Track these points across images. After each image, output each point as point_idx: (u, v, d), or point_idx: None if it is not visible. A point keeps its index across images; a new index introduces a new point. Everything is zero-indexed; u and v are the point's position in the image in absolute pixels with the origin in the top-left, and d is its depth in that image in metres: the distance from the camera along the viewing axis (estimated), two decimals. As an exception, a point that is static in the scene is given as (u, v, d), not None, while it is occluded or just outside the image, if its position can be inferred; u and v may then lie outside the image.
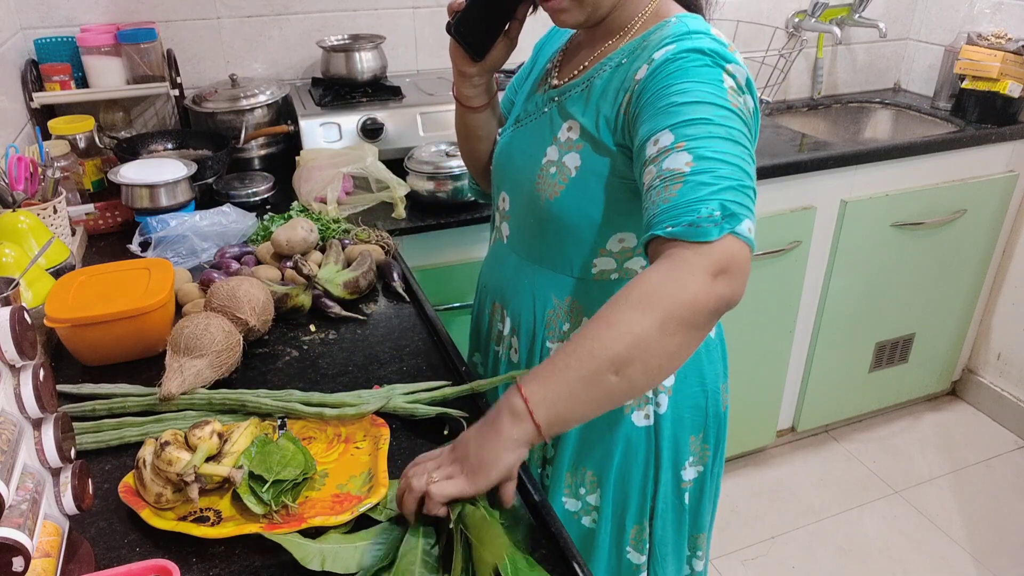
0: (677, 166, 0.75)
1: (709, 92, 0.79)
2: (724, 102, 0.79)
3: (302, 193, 1.57)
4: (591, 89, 0.93)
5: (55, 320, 0.99)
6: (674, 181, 0.75)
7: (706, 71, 0.81)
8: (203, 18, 1.82)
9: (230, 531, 0.73)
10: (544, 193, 0.95)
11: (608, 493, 1.07)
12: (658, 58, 0.83)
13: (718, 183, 0.73)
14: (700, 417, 1.07)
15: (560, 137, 0.95)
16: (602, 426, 1.03)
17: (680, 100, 0.79)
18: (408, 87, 1.89)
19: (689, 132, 0.76)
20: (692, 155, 0.75)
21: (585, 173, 0.92)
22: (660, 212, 0.74)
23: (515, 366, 1.10)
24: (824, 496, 2.24)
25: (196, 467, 0.74)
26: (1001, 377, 2.51)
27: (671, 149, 0.76)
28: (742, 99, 0.82)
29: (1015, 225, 2.35)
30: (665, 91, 0.81)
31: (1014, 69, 2.11)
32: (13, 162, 1.26)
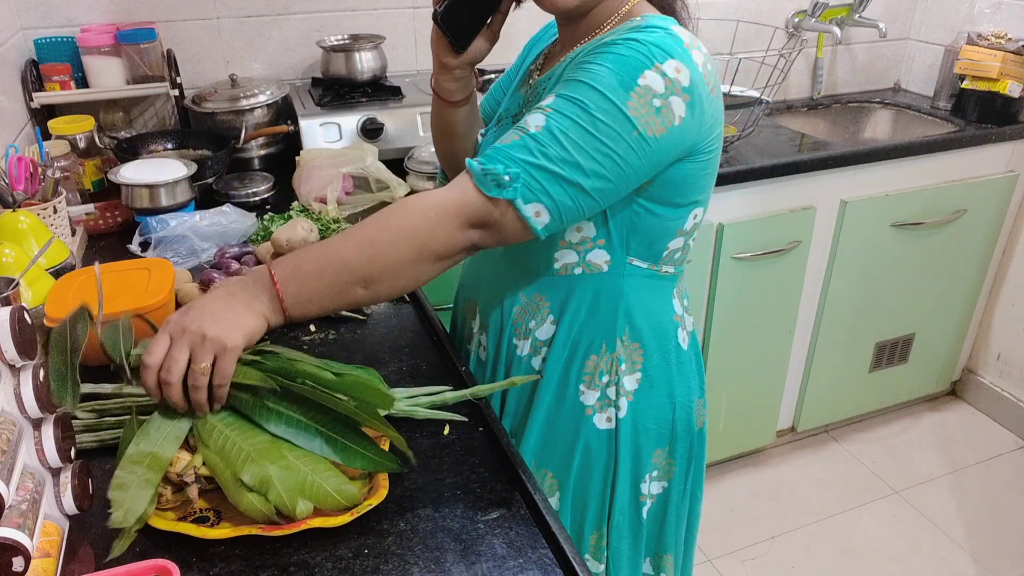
0: (529, 123, 0.80)
1: (611, 84, 0.78)
2: (617, 97, 0.78)
3: (302, 193, 1.57)
4: (553, 79, 0.93)
5: (55, 320, 0.99)
6: (515, 132, 0.80)
7: (628, 62, 0.79)
8: (203, 18, 1.82)
9: (228, 532, 0.72)
10: None
11: (567, 497, 1.05)
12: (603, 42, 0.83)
13: (537, 159, 0.78)
14: (667, 430, 1.04)
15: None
16: (564, 428, 1.02)
17: (580, 77, 0.80)
18: (408, 87, 1.89)
19: (561, 105, 0.79)
20: (545, 124, 0.79)
21: None
22: (487, 148, 0.80)
23: (483, 364, 1.10)
24: (824, 496, 2.24)
25: (196, 468, 0.74)
26: (1001, 377, 2.51)
27: (539, 109, 0.81)
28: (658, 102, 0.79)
29: (1015, 225, 2.35)
30: (580, 66, 0.81)
31: (1014, 69, 2.11)
32: (13, 162, 1.26)
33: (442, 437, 0.91)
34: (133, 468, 0.72)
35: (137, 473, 0.72)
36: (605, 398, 1.00)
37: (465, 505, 0.81)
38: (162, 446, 0.74)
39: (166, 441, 0.75)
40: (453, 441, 0.90)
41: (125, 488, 0.71)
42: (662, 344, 1.01)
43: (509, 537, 0.77)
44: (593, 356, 0.99)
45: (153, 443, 0.74)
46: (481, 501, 0.82)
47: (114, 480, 0.71)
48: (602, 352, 0.98)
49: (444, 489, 0.83)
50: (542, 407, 1.02)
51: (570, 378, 1.00)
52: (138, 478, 0.71)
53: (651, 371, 1.00)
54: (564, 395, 1.01)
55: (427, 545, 0.75)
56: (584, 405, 1.01)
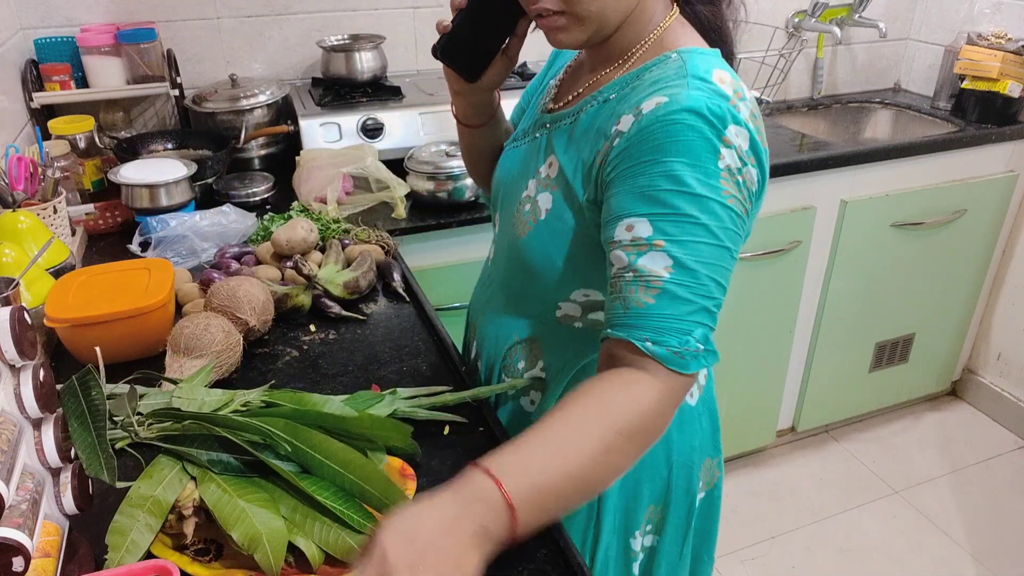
0: (655, 269, 0.71)
1: (699, 180, 0.70)
2: (714, 193, 0.71)
3: (302, 193, 1.57)
4: (576, 124, 0.85)
5: (55, 320, 0.99)
6: (650, 285, 0.71)
7: (700, 145, 0.71)
8: (203, 18, 1.82)
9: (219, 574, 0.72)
10: (517, 230, 0.89)
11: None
12: (646, 112, 0.73)
13: (696, 302, 0.71)
14: (660, 488, 0.96)
15: (541, 172, 0.87)
16: None
17: (665, 186, 0.71)
18: (408, 87, 1.89)
19: (671, 231, 0.71)
20: (672, 260, 0.70)
21: (553, 219, 0.84)
22: (634, 315, 0.71)
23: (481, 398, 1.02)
24: (824, 496, 2.24)
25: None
26: (1001, 377, 2.51)
27: (649, 244, 0.71)
28: (741, 176, 0.73)
29: (1015, 225, 2.34)
30: (650, 166, 0.72)
31: (1014, 69, 2.11)
32: (13, 162, 1.26)
33: (442, 437, 0.91)
34: (133, 512, 0.71)
35: (138, 519, 0.71)
36: None
37: (465, 505, 0.81)
38: (164, 490, 0.73)
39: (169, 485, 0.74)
40: (453, 441, 0.90)
41: (124, 533, 0.70)
42: None
43: (509, 537, 0.77)
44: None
45: (155, 486, 0.74)
46: (481, 501, 0.81)
47: (113, 524, 0.70)
48: None
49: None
50: None
51: None
52: (138, 524, 0.71)
53: None
54: None
55: (427, 545, 0.75)
56: None
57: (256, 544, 0.69)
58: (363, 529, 0.72)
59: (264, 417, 0.78)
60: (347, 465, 0.75)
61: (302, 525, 0.73)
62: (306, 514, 0.74)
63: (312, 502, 0.74)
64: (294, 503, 0.75)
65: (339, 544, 0.72)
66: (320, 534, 0.73)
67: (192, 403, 0.87)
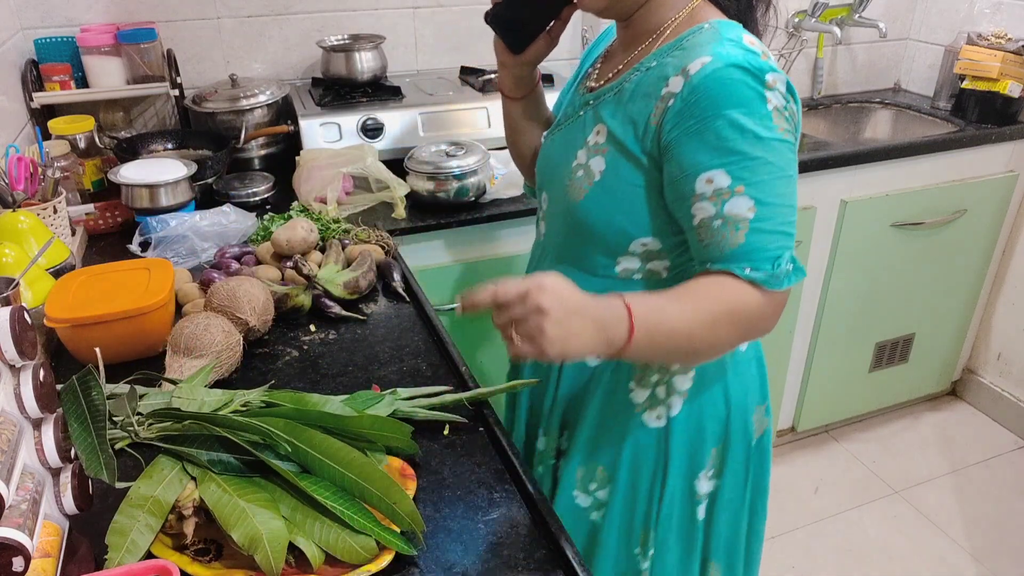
0: (740, 212, 0.81)
1: (758, 124, 0.81)
2: (772, 132, 0.81)
3: (302, 193, 1.57)
4: (622, 93, 0.92)
5: (55, 320, 0.99)
6: (738, 226, 0.82)
7: (749, 93, 0.81)
8: (203, 18, 1.82)
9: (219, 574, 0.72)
10: (572, 196, 0.96)
11: (618, 491, 1.06)
12: (694, 72, 0.82)
13: (779, 230, 0.83)
14: (720, 429, 1.04)
15: (589, 141, 0.95)
16: (614, 424, 1.03)
17: (730, 135, 0.81)
18: (408, 87, 1.89)
19: (746, 175, 0.81)
20: (753, 201, 0.81)
21: (609, 178, 0.92)
22: (730, 254, 0.83)
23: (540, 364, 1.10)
24: (824, 496, 2.24)
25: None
26: (1001, 377, 2.51)
27: (731, 192, 0.82)
28: (787, 112, 0.83)
29: (1015, 225, 2.34)
30: (711, 121, 0.81)
31: (1014, 69, 2.11)
32: (13, 162, 1.26)
33: (442, 437, 0.91)
34: (133, 512, 0.71)
35: (138, 519, 0.71)
36: (654, 397, 1.01)
37: (465, 505, 0.81)
38: (164, 490, 0.73)
39: (169, 485, 0.74)
40: (453, 441, 0.91)
41: (124, 533, 0.70)
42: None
43: (509, 537, 0.77)
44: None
45: (155, 486, 0.74)
46: (481, 501, 0.82)
47: (113, 524, 0.70)
48: None
49: (444, 489, 0.83)
50: (594, 403, 1.04)
51: (620, 376, 1.02)
52: (138, 524, 0.71)
53: (704, 370, 1.01)
54: (615, 393, 1.03)
55: (427, 545, 0.75)
56: (633, 403, 1.02)
57: (256, 544, 0.69)
58: (363, 529, 0.72)
59: (264, 417, 0.78)
60: (347, 465, 0.75)
61: (302, 525, 0.73)
62: (306, 514, 0.74)
63: (312, 502, 0.74)
64: (294, 503, 0.75)
65: (339, 544, 0.72)
66: (320, 534, 0.72)
67: (192, 403, 0.87)
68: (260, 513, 0.72)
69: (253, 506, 0.72)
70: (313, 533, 0.73)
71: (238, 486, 0.75)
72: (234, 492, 0.74)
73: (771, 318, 0.86)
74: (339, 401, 0.87)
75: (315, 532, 0.73)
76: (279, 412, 0.80)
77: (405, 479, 0.82)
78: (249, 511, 0.72)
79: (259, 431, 0.76)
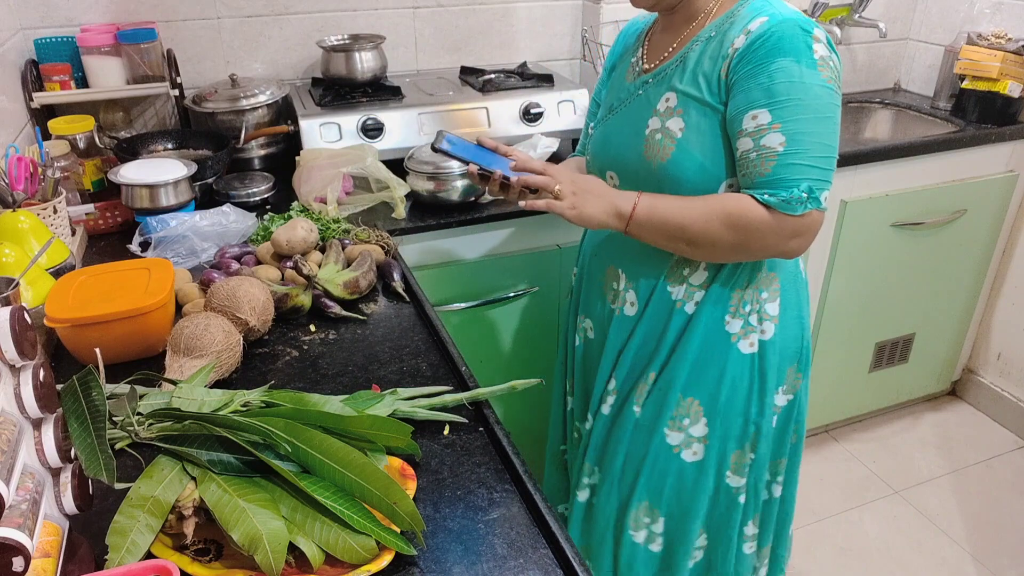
0: (772, 145, 0.96)
1: (804, 70, 0.94)
2: (815, 78, 0.95)
3: (302, 193, 1.57)
4: (686, 61, 1.05)
5: (55, 320, 0.99)
6: (769, 157, 0.96)
7: (799, 43, 0.94)
8: (203, 18, 1.82)
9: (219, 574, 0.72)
10: (655, 159, 1.07)
11: (715, 421, 1.17)
12: (754, 29, 0.97)
13: (805, 164, 0.95)
14: (797, 347, 1.19)
15: (659, 108, 1.07)
16: (712, 358, 1.13)
17: (779, 78, 0.95)
18: (408, 87, 1.89)
19: (784, 114, 0.95)
20: (785, 136, 0.95)
21: (691, 132, 1.04)
22: (758, 181, 0.98)
23: (628, 319, 1.21)
24: (824, 496, 2.24)
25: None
26: (1001, 377, 2.51)
27: (768, 128, 0.96)
28: (832, 62, 0.96)
29: (1015, 225, 2.34)
30: (765, 66, 0.95)
31: (1014, 69, 2.11)
32: (13, 162, 1.26)
33: (442, 437, 0.91)
34: (133, 512, 0.71)
35: (138, 519, 0.71)
36: (748, 325, 1.14)
37: (465, 505, 0.81)
38: (164, 491, 0.73)
39: (169, 485, 0.74)
40: (453, 441, 0.91)
41: (124, 534, 0.70)
42: (791, 272, 1.17)
43: (509, 537, 0.77)
44: (737, 290, 1.13)
45: (155, 486, 0.73)
46: (481, 501, 0.82)
47: (113, 524, 0.70)
48: (745, 285, 1.13)
49: (444, 489, 0.83)
50: (693, 343, 1.14)
51: (717, 312, 1.13)
52: (139, 524, 0.71)
53: (786, 296, 1.16)
54: (713, 328, 1.14)
55: (427, 545, 0.75)
56: (729, 334, 1.14)
57: (256, 544, 0.69)
58: (363, 529, 0.72)
59: (264, 417, 0.78)
60: (347, 465, 0.75)
61: (302, 525, 0.73)
62: (306, 514, 0.74)
63: (312, 502, 0.74)
64: (294, 503, 0.75)
65: (339, 544, 0.72)
66: (320, 534, 0.72)
67: (192, 403, 0.87)
68: (260, 513, 0.72)
69: (253, 506, 0.72)
70: (313, 533, 0.73)
71: (238, 486, 0.75)
72: (234, 492, 0.74)
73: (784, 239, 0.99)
74: (339, 401, 0.87)
75: (315, 532, 0.73)
76: (279, 412, 0.80)
77: (405, 479, 0.82)
78: (249, 511, 0.72)
79: (259, 431, 0.76)
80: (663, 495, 1.22)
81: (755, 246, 1.02)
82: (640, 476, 1.21)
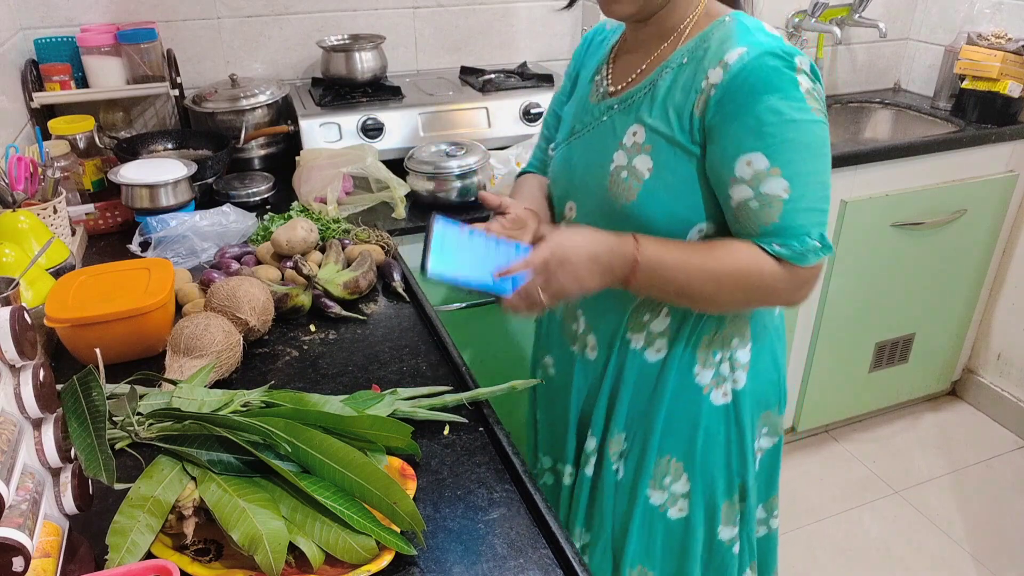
0: (775, 192, 0.87)
1: (794, 106, 0.86)
2: (806, 114, 0.86)
3: (302, 193, 1.57)
4: (655, 90, 0.95)
5: (55, 320, 0.99)
6: (772, 205, 0.88)
7: (784, 78, 0.86)
8: (203, 18, 1.82)
9: (219, 574, 0.72)
10: (619, 198, 0.97)
11: (696, 477, 1.09)
12: (732, 62, 0.87)
13: (812, 208, 0.88)
14: (775, 392, 1.12)
15: (626, 142, 0.97)
16: (684, 412, 1.07)
17: (769, 119, 0.86)
18: (408, 87, 1.89)
19: (782, 157, 0.86)
20: (788, 182, 0.87)
21: (660, 172, 0.94)
22: (763, 231, 0.89)
23: (591, 363, 1.12)
24: (824, 496, 2.24)
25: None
26: (1001, 377, 2.51)
27: (766, 174, 0.87)
28: (816, 93, 0.88)
29: (1015, 225, 2.34)
30: (750, 107, 0.86)
31: (1014, 69, 2.11)
32: (13, 162, 1.26)
33: (442, 437, 0.91)
34: (133, 512, 0.71)
35: (138, 519, 0.71)
36: (719, 375, 1.06)
37: (465, 505, 0.81)
38: (164, 491, 0.73)
39: (169, 485, 0.74)
40: (453, 441, 0.91)
41: (124, 534, 0.70)
42: (762, 313, 1.08)
43: (509, 537, 0.77)
44: (705, 337, 1.04)
45: (155, 486, 0.73)
46: (481, 501, 0.82)
47: (113, 524, 0.70)
48: (713, 332, 1.04)
49: (444, 489, 0.83)
50: (663, 397, 1.06)
51: (685, 363, 1.05)
52: (139, 524, 0.71)
53: (758, 341, 1.07)
54: (682, 381, 1.06)
55: (428, 545, 0.75)
56: (700, 386, 1.06)
57: (256, 544, 0.69)
58: (363, 529, 0.72)
59: (264, 417, 0.78)
60: (347, 465, 0.75)
61: (302, 525, 0.73)
62: (306, 514, 0.74)
63: (312, 502, 0.74)
64: (294, 503, 0.75)
65: (339, 544, 0.72)
66: (320, 534, 0.72)
67: (192, 403, 0.87)
68: (260, 513, 0.72)
69: (253, 506, 0.72)
70: (313, 533, 0.73)
71: (238, 486, 0.75)
72: (234, 492, 0.74)
73: (794, 291, 0.92)
74: (339, 401, 0.87)
75: (315, 532, 0.73)
76: (279, 412, 0.80)
77: (405, 479, 0.82)
78: (249, 511, 0.72)
79: (259, 431, 0.76)
80: (655, 556, 1.15)
81: (765, 302, 0.97)
82: (629, 538, 1.14)
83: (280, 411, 0.81)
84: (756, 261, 0.90)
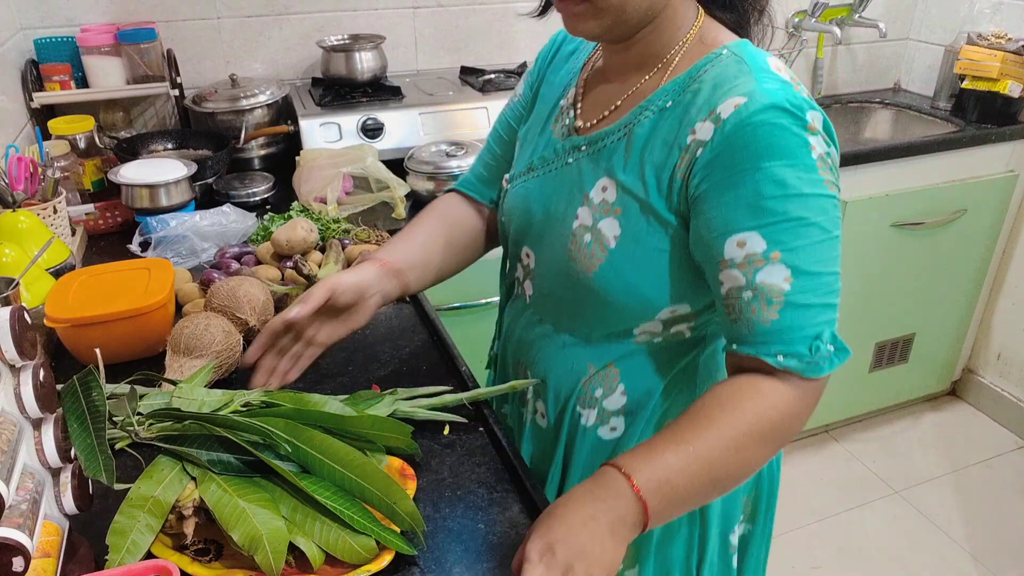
0: (774, 282, 0.70)
1: (803, 177, 0.68)
2: (817, 187, 0.69)
3: (302, 193, 1.57)
4: (631, 139, 0.79)
5: (55, 320, 0.99)
6: (772, 300, 0.70)
7: (792, 140, 0.68)
8: (203, 18, 1.82)
9: (219, 574, 0.72)
10: (580, 264, 0.82)
11: (648, 566, 0.94)
12: (727, 116, 0.70)
13: (820, 303, 0.71)
14: (754, 478, 0.95)
15: (593, 198, 0.81)
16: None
17: (771, 192, 0.68)
18: (408, 87, 1.89)
19: (785, 239, 0.69)
20: (791, 269, 0.70)
21: (628, 243, 0.78)
22: (761, 334, 0.71)
23: (542, 432, 0.98)
24: (824, 496, 2.24)
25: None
26: (1001, 377, 2.51)
27: (764, 259, 0.70)
28: (831, 160, 0.71)
29: (1015, 225, 2.34)
30: (748, 174, 0.69)
31: (1014, 69, 2.11)
32: (13, 162, 1.26)
33: (442, 437, 0.91)
34: (133, 512, 0.71)
35: (138, 519, 0.71)
36: None
37: (465, 505, 0.81)
38: (164, 491, 0.73)
39: (169, 485, 0.74)
40: (453, 441, 0.90)
41: (124, 534, 0.70)
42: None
43: (509, 537, 0.77)
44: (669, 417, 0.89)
45: (155, 486, 0.73)
46: (481, 501, 0.82)
47: (113, 524, 0.70)
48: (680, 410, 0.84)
49: (444, 489, 0.83)
50: None
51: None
52: (139, 524, 0.71)
53: None
54: None
55: (427, 545, 0.75)
56: None
57: (256, 544, 0.69)
58: (363, 529, 0.72)
59: (264, 417, 0.78)
60: (348, 465, 0.75)
61: (302, 525, 0.73)
62: (306, 514, 0.74)
63: (312, 502, 0.74)
64: (294, 503, 0.75)
65: (339, 544, 0.72)
66: (320, 534, 0.72)
67: (192, 403, 0.87)
68: (260, 513, 0.72)
69: (253, 506, 0.72)
70: (313, 533, 0.73)
71: (238, 486, 0.75)
72: (234, 492, 0.74)
73: (804, 414, 0.74)
74: (339, 401, 0.87)
75: (315, 532, 0.73)
76: (279, 412, 0.80)
77: (405, 479, 0.82)
78: (249, 511, 0.72)
79: (259, 431, 0.76)
80: None
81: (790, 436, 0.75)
82: None
83: (280, 411, 0.81)
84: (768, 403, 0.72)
